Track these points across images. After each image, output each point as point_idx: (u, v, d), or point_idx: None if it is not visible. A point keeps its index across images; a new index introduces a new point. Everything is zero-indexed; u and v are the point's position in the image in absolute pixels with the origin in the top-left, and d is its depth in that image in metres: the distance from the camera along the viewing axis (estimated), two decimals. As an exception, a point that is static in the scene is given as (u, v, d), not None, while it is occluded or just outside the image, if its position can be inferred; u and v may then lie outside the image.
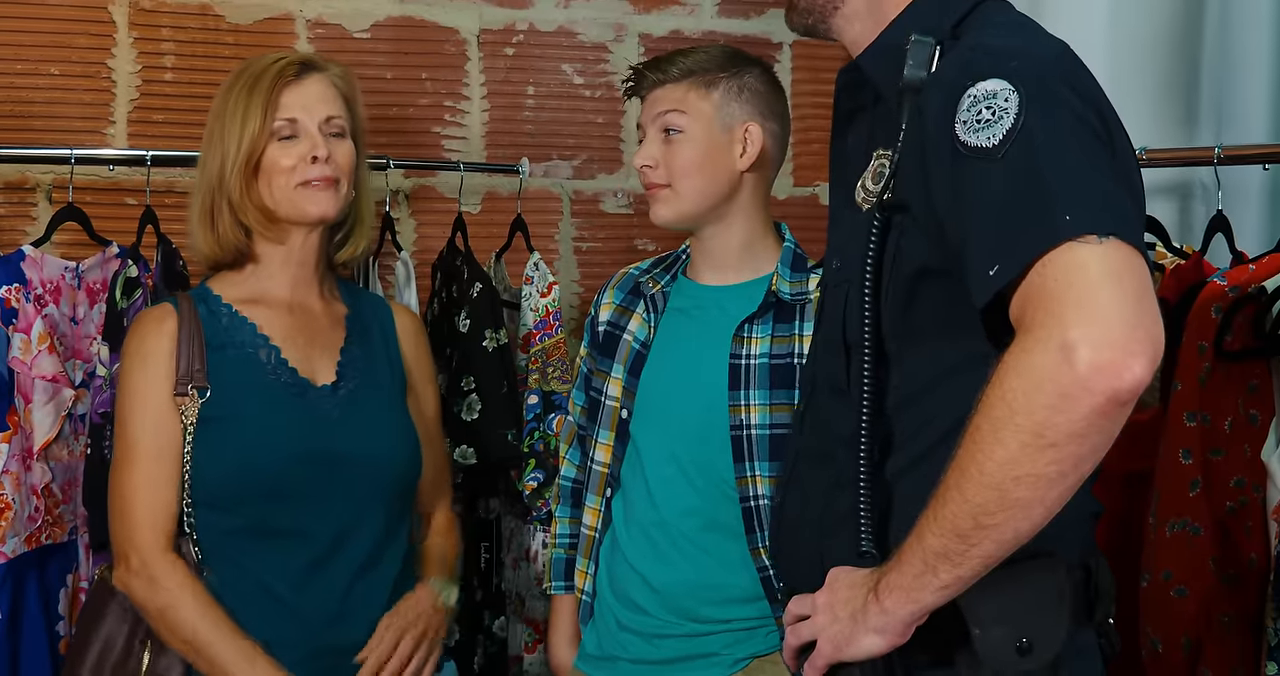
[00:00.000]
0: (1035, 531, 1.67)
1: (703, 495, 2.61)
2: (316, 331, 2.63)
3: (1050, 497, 1.64)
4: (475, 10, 3.79)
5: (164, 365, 2.52)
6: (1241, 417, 2.86)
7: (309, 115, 2.59)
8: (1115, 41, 3.47)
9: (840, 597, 1.83)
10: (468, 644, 3.30)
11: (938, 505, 1.69)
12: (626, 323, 2.77)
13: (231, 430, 2.49)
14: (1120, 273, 1.61)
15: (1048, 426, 1.60)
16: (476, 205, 3.75)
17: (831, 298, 2.03)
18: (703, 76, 2.64)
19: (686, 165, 2.63)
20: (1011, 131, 1.70)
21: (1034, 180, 1.68)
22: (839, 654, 1.82)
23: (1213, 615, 2.81)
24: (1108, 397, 1.58)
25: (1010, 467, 1.62)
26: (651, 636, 2.66)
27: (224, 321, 2.58)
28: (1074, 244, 1.62)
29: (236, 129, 2.55)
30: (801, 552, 2.03)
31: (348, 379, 2.61)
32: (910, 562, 1.73)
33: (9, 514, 2.87)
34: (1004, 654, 1.77)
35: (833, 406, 2.00)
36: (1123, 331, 1.57)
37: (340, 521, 2.53)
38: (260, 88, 2.56)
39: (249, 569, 2.49)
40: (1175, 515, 2.82)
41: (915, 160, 1.83)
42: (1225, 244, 3.05)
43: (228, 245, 2.59)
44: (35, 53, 3.44)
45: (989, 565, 1.70)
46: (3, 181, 3.40)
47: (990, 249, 1.69)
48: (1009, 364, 1.63)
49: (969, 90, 1.75)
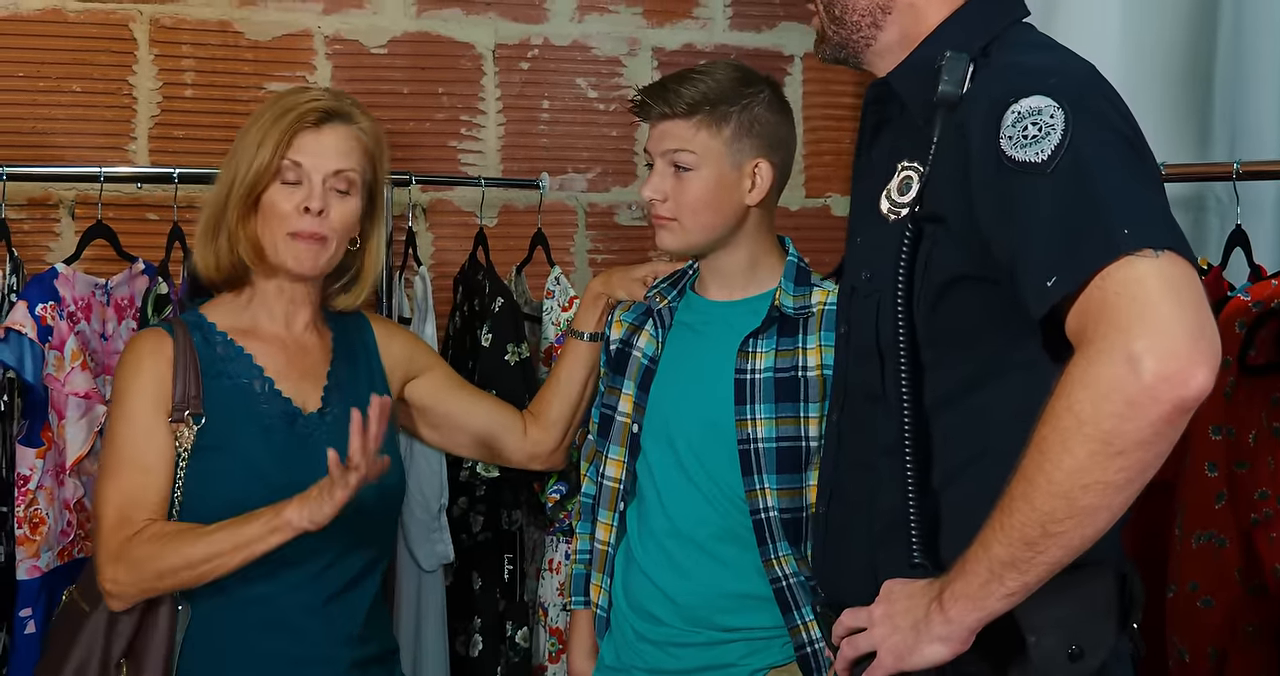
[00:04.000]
0: (1099, 537, 1.71)
1: (715, 506, 2.62)
2: (309, 362, 2.59)
3: (1116, 504, 1.68)
4: (491, 25, 3.82)
5: (161, 387, 2.47)
6: (1265, 431, 2.89)
7: (316, 165, 2.52)
8: (1128, 59, 3.49)
9: (899, 608, 1.85)
10: (491, 654, 3.33)
11: (1003, 515, 1.72)
12: (636, 339, 2.78)
13: (225, 462, 2.46)
14: (1179, 285, 1.65)
15: (1116, 435, 1.63)
16: (494, 218, 3.78)
17: (862, 307, 2.04)
18: (713, 112, 2.59)
19: (696, 202, 2.61)
20: (1060, 146, 1.73)
21: (1088, 194, 1.71)
22: (900, 664, 1.84)
23: (1238, 625, 2.84)
24: (1174, 406, 1.61)
25: (1079, 476, 1.66)
26: (668, 646, 2.66)
27: (219, 350, 2.53)
28: (1133, 258, 1.65)
29: (249, 157, 2.51)
30: (851, 564, 2.05)
31: (332, 404, 2.57)
32: (976, 572, 1.76)
33: (43, 528, 2.90)
34: (1057, 660, 1.82)
35: (870, 413, 2.02)
36: (1186, 342, 1.61)
37: (331, 546, 2.48)
38: (281, 123, 2.51)
39: (230, 587, 2.42)
40: (1201, 527, 2.85)
41: (951, 173, 1.86)
42: (1244, 258, 3.09)
43: (223, 265, 2.55)
44: (58, 70, 3.47)
45: (1054, 571, 1.73)
46: (26, 198, 3.42)
47: (1048, 261, 1.72)
48: (1074, 375, 1.66)
49: (1012, 107, 1.78)
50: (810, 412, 2.56)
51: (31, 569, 2.92)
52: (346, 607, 2.53)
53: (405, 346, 2.77)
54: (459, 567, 3.37)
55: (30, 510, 2.91)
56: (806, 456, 2.55)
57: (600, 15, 3.91)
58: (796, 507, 2.54)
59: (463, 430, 2.82)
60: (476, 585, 3.34)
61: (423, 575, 3.23)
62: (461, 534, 3.35)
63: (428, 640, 3.12)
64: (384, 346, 2.72)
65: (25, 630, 2.93)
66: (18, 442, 2.94)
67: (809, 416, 2.56)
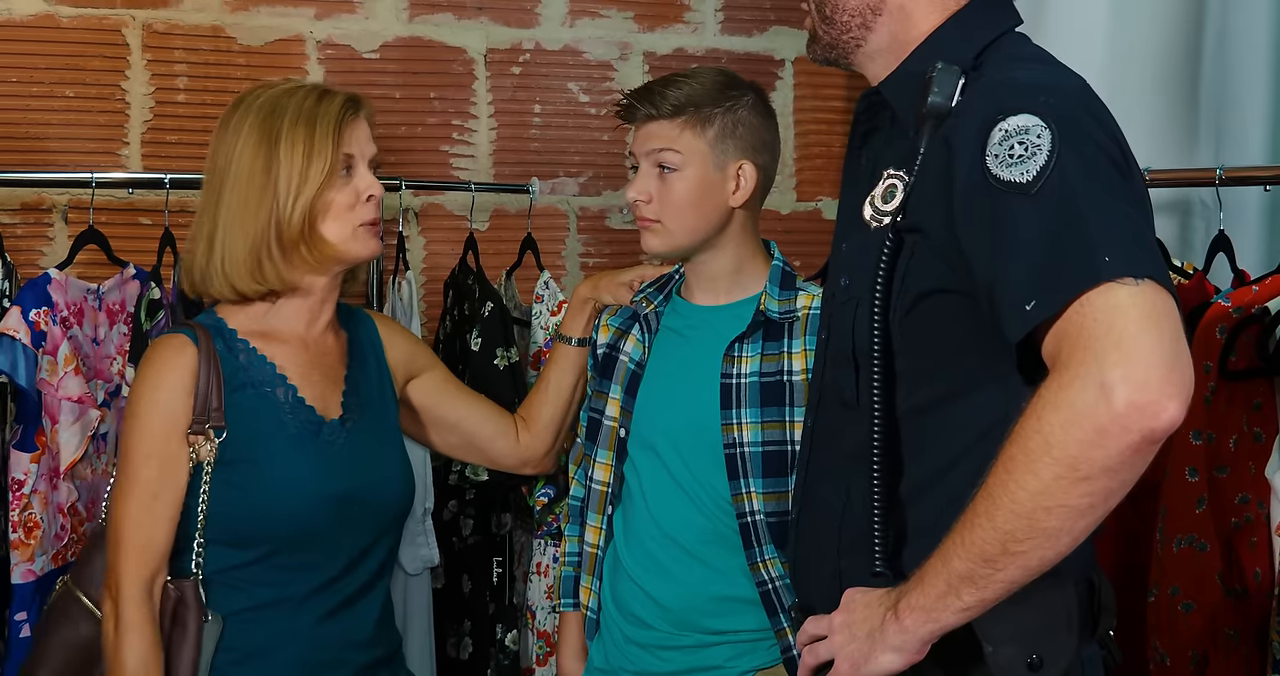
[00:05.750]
0: (1059, 559, 1.72)
1: (701, 509, 2.63)
2: (328, 365, 2.60)
3: (1078, 528, 1.69)
4: (482, 30, 3.84)
5: (181, 400, 2.45)
6: (1246, 436, 2.90)
7: (364, 152, 2.55)
8: (1115, 62, 3.49)
9: (857, 617, 1.88)
10: (481, 656, 3.35)
11: (965, 530, 1.74)
12: (623, 344, 2.79)
13: (252, 474, 2.46)
14: (1157, 315, 1.65)
15: (1083, 460, 1.64)
16: (485, 222, 3.80)
17: (841, 313, 2.06)
18: (697, 113, 2.61)
19: (680, 203, 2.62)
20: (1046, 167, 1.74)
21: (1071, 218, 1.72)
22: (856, 672, 1.86)
23: (1219, 629, 2.85)
24: (1143, 436, 1.62)
25: (1043, 498, 1.67)
26: (656, 649, 2.68)
27: (241, 358, 2.51)
28: (1113, 285, 1.66)
29: (297, 171, 2.46)
30: (819, 570, 2.07)
31: (352, 409, 2.59)
32: (934, 583, 1.78)
33: (38, 532, 2.92)
34: (1015, 670, 1.83)
35: (841, 418, 2.04)
36: (1160, 373, 1.62)
37: (351, 552, 2.53)
38: (323, 126, 2.49)
39: (251, 592, 2.48)
40: (1182, 531, 2.86)
41: (935, 186, 1.87)
42: (1227, 263, 3.10)
43: (274, 281, 2.51)
44: (50, 76, 3.49)
45: (1012, 589, 1.75)
46: (19, 203, 3.44)
47: (1027, 284, 1.72)
48: (1046, 398, 1.67)
49: (1000, 124, 1.79)
50: (796, 417, 2.58)
51: (26, 573, 2.94)
52: (359, 613, 2.56)
53: (407, 345, 2.80)
54: (449, 571, 3.39)
55: (25, 514, 2.93)
56: (792, 460, 2.56)
57: (591, 20, 3.93)
58: (782, 511, 2.55)
59: (456, 431, 2.85)
60: (466, 588, 3.36)
61: (408, 578, 3.24)
62: (451, 537, 3.37)
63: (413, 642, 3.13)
64: (388, 345, 2.74)
65: (20, 634, 2.94)
66: (11, 447, 2.96)
67: (794, 421, 2.58)
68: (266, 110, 2.51)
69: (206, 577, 2.46)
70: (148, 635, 2.41)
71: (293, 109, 2.50)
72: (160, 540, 2.44)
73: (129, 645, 2.40)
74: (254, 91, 2.57)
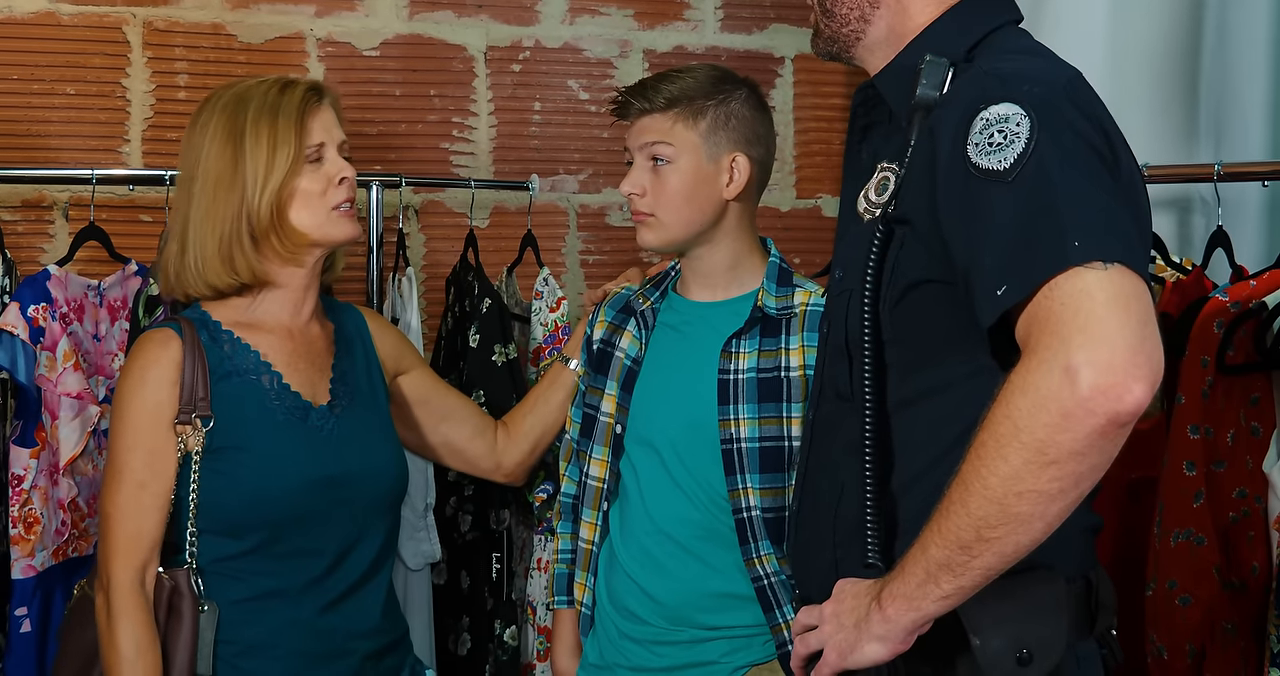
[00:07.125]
0: (1035, 545, 1.72)
1: (697, 505, 2.64)
2: (314, 354, 2.63)
3: (1050, 513, 1.69)
4: (482, 28, 3.84)
5: (165, 391, 2.48)
6: (1243, 430, 2.91)
7: (331, 137, 2.58)
8: (1114, 58, 3.50)
9: (845, 607, 1.88)
10: (480, 652, 3.35)
11: (941, 517, 1.75)
12: (619, 340, 2.80)
13: (240, 461, 2.49)
14: (1125, 299, 1.66)
15: (1050, 444, 1.65)
16: (485, 219, 3.80)
17: (836, 305, 2.08)
18: (689, 106, 2.63)
19: (674, 196, 2.64)
20: (1023, 156, 1.75)
21: (1043, 205, 1.73)
22: (844, 662, 1.87)
23: (1216, 623, 2.85)
24: (1108, 419, 1.63)
25: (1013, 483, 1.68)
26: (651, 644, 2.68)
27: (226, 348, 2.54)
28: (1081, 270, 1.67)
29: (262, 163, 2.50)
30: (817, 562, 2.08)
31: (340, 397, 2.62)
32: (913, 572, 1.78)
33: (38, 528, 2.93)
34: (1004, 663, 1.83)
35: (838, 411, 2.05)
36: (1125, 356, 1.63)
37: (345, 538, 2.55)
38: (285, 117, 2.52)
39: (251, 583, 2.50)
40: (1179, 525, 2.86)
41: (922, 177, 1.88)
42: (1225, 258, 3.10)
43: (245, 275, 2.54)
44: (51, 73, 3.50)
45: (989, 577, 1.76)
46: (20, 200, 3.45)
47: (999, 270, 1.74)
48: (1014, 383, 1.68)
49: (981, 113, 1.80)
50: (793, 413, 2.59)
51: (26, 568, 2.95)
52: (363, 603, 2.58)
53: (395, 342, 2.82)
54: (449, 567, 3.39)
55: (25, 510, 2.94)
56: (789, 456, 2.57)
57: (591, 17, 3.94)
58: (779, 507, 2.57)
59: (436, 431, 2.88)
60: (465, 584, 3.37)
61: (409, 573, 3.25)
62: (451, 533, 3.37)
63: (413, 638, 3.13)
64: (377, 339, 2.77)
65: (20, 629, 2.95)
66: (11, 443, 2.96)
67: (791, 416, 2.59)
68: (231, 106, 2.55)
69: (203, 568, 2.48)
70: (141, 621, 2.43)
71: (256, 102, 2.54)
72: (149, 530, 2.46)
73: (122, 630, 2.41)
74: (220, 90, 2.61)
